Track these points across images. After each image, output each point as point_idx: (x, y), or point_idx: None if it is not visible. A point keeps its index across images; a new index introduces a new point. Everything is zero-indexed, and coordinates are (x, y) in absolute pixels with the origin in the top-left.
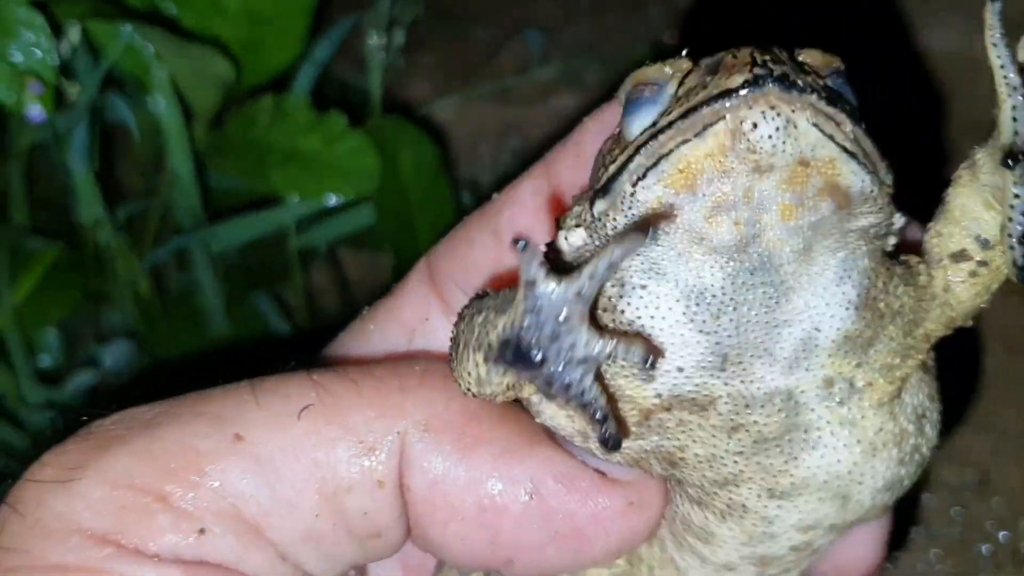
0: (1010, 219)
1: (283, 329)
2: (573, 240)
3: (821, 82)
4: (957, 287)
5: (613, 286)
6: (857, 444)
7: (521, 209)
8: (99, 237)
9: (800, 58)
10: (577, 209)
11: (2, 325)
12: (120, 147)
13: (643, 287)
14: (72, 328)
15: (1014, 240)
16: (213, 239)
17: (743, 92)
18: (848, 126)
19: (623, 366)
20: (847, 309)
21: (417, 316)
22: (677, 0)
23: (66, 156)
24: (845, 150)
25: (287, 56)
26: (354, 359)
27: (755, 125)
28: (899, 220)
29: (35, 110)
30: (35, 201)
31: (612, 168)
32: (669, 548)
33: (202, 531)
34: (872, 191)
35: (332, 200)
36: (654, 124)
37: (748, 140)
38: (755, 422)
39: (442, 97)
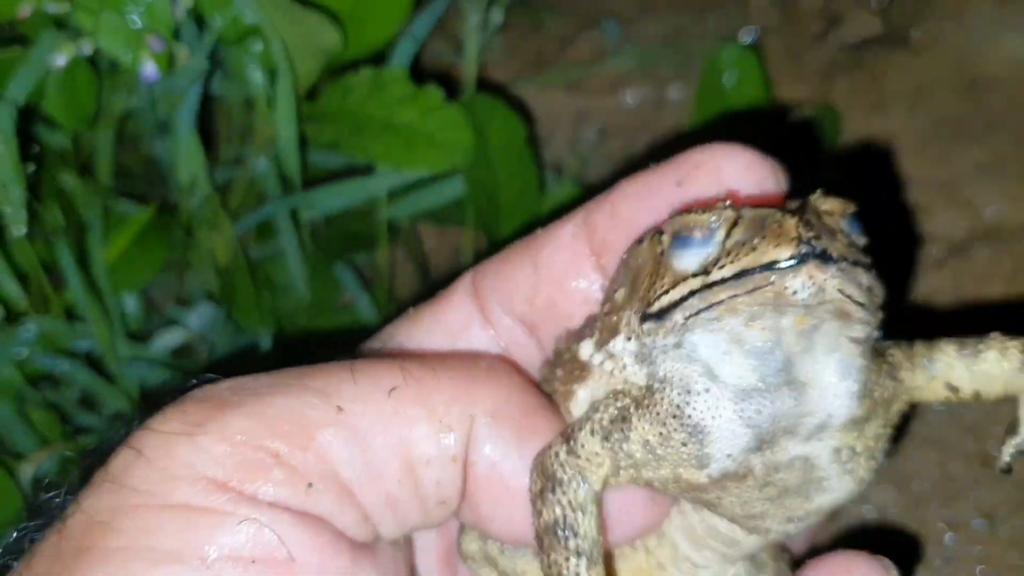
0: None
1: (362, 301)
2: (629, 347)
3: (846, 246)
4: (928, 394)
5: (679, 394)
6: (853, 484)
7: (561, 250)
8: (191, 202)
9: (823, 208)
10: (612, 321)
11: (96, 284)
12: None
13: (707, 391)
14: (153, 291)
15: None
16: (306, 206)
17: (789, 264)
18: (864, 280)
19: (683, 456)
20: (851, 399)
21: (461, 323)
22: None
23: (173, 119)
24: (857, 302)
25: (388, 31)
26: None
27: (795, 291)
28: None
29: (149, 68)
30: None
31: (665, 300)
32: (684, 547)
33: (310, 486)
34: (870, 320)
35: (425, 171)
36: (705, 271)
37: (784, 303)
38: (781, 479)
39: (516, 82)
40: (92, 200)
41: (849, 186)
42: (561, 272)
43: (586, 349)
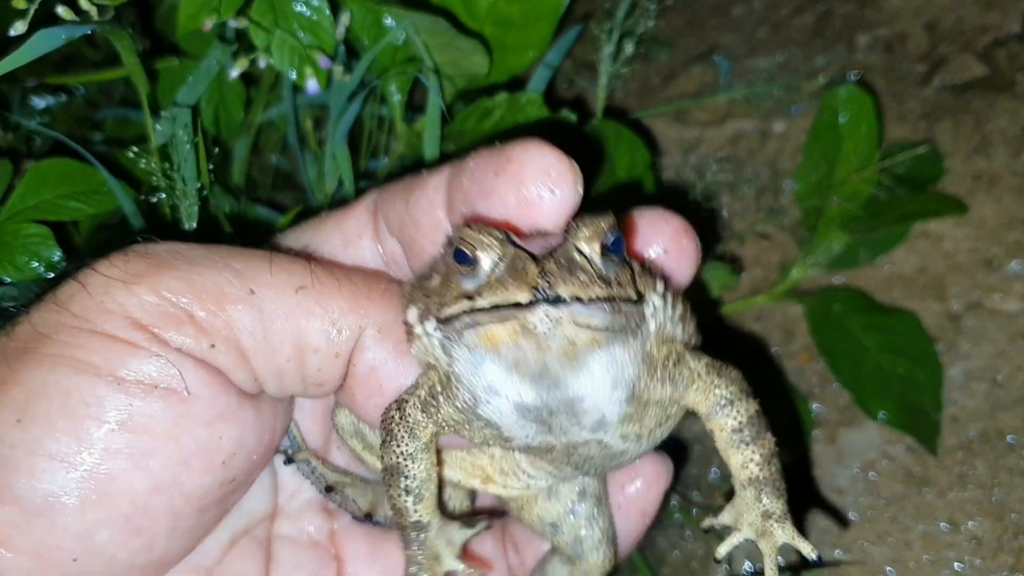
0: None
1: None
2: (435, 335)
3: (588, 281)
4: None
5: (470, 397)
6: (645, 449)
7: (425, 196)
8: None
9: (580, 243)
10: (420, 297)
11: None
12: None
13: (488, 402)
14: None
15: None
16: None
17: (524, 306)
18: (604, 307)
19: (487, 434)
20: (620, 404)
21: (355, 233)
22: (858, 40)
23: (332, 133)
24: (598, 328)
25: (526, 60)
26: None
27: (535, 326)
28: (651, 308)
29: (312, 84)
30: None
31: (447, 311)
32: (522, 462)
33: (213, 346)
34: (624, 329)
35: None
36: (471, 297)
37: (530, 332)
38: (581, 452)
39: (627, 111)
40: (226, 202)
41: None
42: (421, 213)
43: (412, 315)
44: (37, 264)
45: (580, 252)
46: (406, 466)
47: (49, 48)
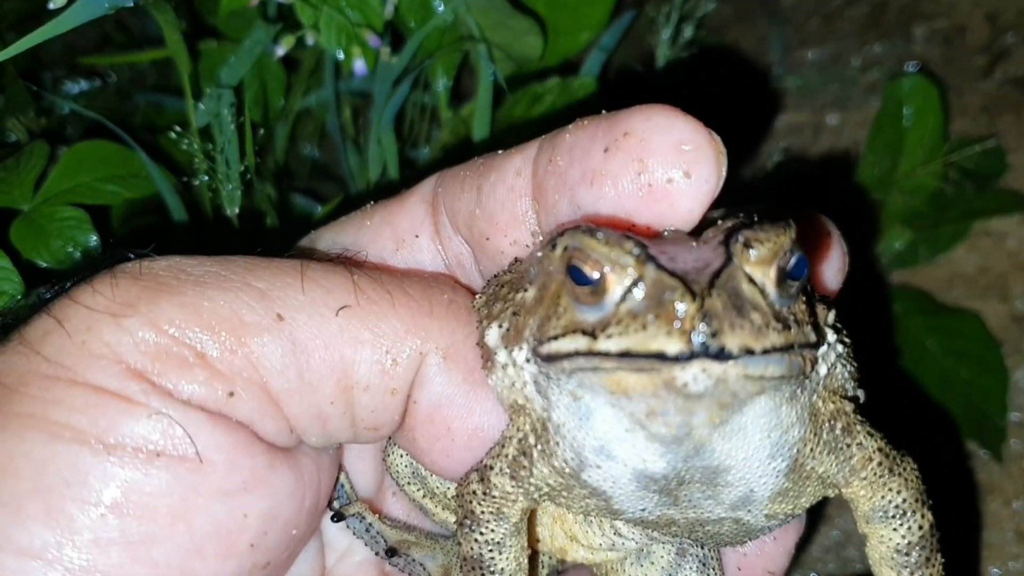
0: None
1: None
2: (528, 368)
3: (760, 324)
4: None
5: (573, 458)
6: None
7: (503, 182)
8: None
9: (750, 267)
10: (504, 312)
11: None
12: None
13: (598, 467)
14: None
15: None
16: None
17: (676, 359)
18: (782, 359)
19: (590, 504)
20: (777, 477)
21: (410, 230)
22: (915, 32)
23: (376, 118)
24: (771, 379)
25: (579, 42)
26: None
27: (685, 384)
28: (826, 345)
29: (360, 65)
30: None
31: (555, 347)
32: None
33: (232, 394)
34: (799, 374)
35: None
36: (591, 333)
37: (677, 388)
38: (708, 530)
39: None
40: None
41: None
42: (498, 205)
43: (492, 337)
44: (72, 249)
45: (750, 280)
46: (492, 559)
47: (92, 16)
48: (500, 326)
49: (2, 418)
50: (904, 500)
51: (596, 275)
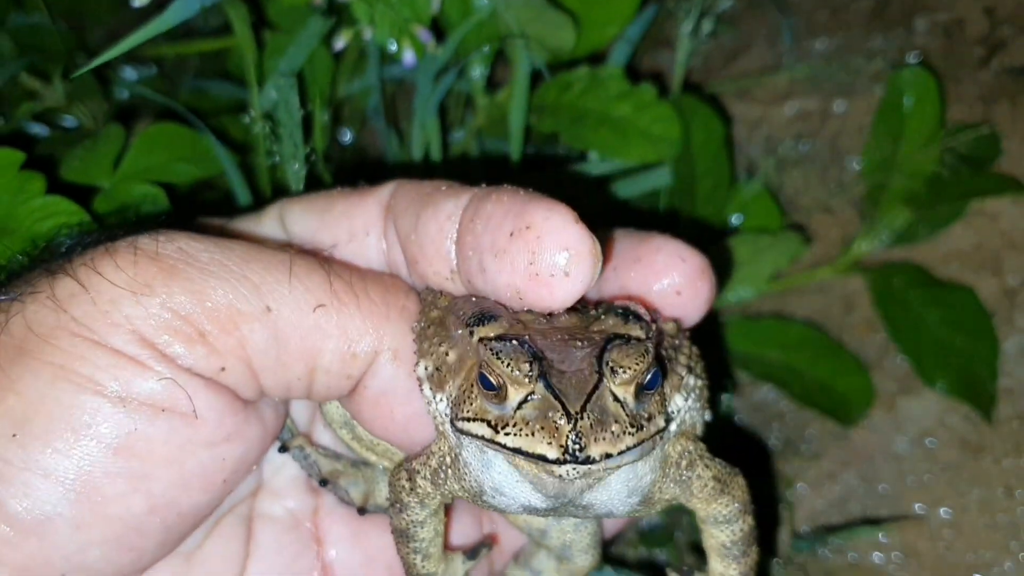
0: None
1: None
2: (426, 382)
3: (623, 429)
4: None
5: (476, 484)
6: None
7: (433, 220)
8: None
9: (616, 387)
10: (434, 354)
11: None
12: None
13: (495, 496)
14: None
15: None
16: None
17: (555, 462)
18: (635, 452)
19: (493, 505)
20: (633, 505)
21: (363, 227)
22: (916, 24)
23: (420, 105)
24: (627, 463)
25: (608, 35)
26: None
27: (561, 476)
28: (675, 408)
29: (409, 56)
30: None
31: (466, 426)
32: None
33: (223, 369)
34: (651, 451)
35: (638, 161)
36: (496, 426)
37: (555, 476)
38: (582, 521)
39: (689, 88)
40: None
41: None
42: (428, 238)
43: (421, 371)
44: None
45: (615, 397)
46: (415, 532)
47: (187, 15)
48: (426, 368)
49: (38, 364)
50: (730, 511)
51: (498, 385)
